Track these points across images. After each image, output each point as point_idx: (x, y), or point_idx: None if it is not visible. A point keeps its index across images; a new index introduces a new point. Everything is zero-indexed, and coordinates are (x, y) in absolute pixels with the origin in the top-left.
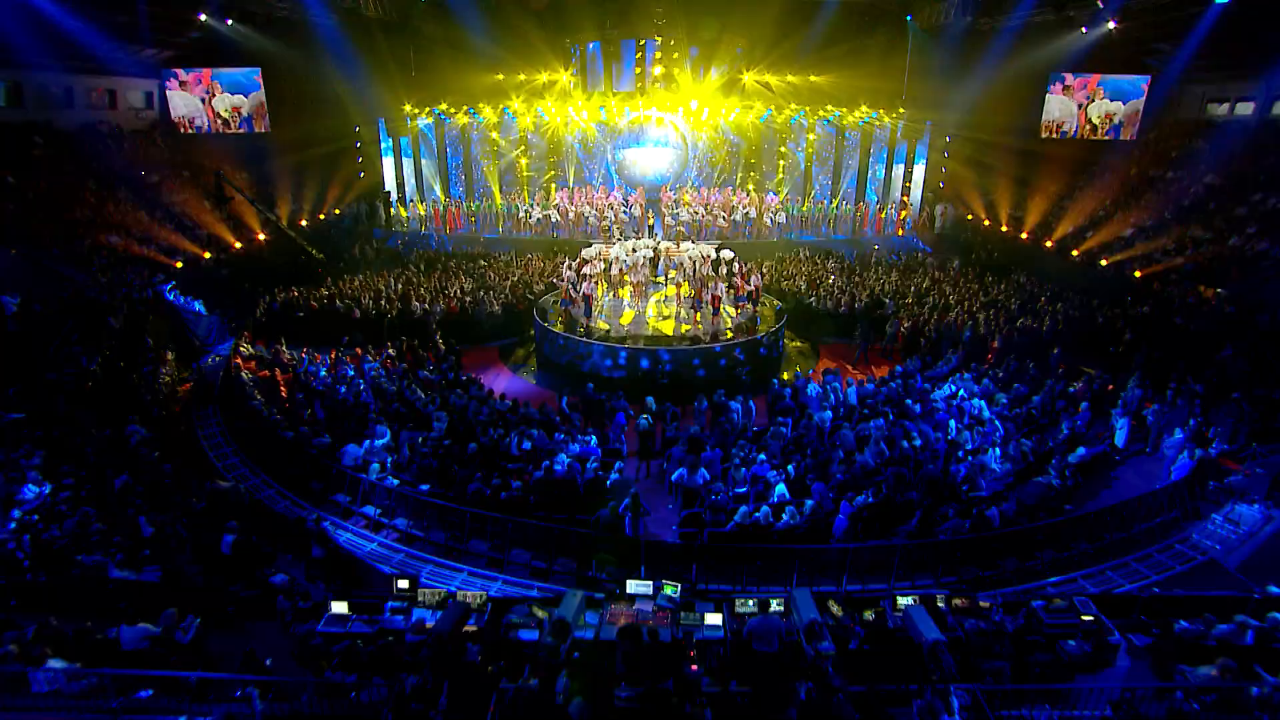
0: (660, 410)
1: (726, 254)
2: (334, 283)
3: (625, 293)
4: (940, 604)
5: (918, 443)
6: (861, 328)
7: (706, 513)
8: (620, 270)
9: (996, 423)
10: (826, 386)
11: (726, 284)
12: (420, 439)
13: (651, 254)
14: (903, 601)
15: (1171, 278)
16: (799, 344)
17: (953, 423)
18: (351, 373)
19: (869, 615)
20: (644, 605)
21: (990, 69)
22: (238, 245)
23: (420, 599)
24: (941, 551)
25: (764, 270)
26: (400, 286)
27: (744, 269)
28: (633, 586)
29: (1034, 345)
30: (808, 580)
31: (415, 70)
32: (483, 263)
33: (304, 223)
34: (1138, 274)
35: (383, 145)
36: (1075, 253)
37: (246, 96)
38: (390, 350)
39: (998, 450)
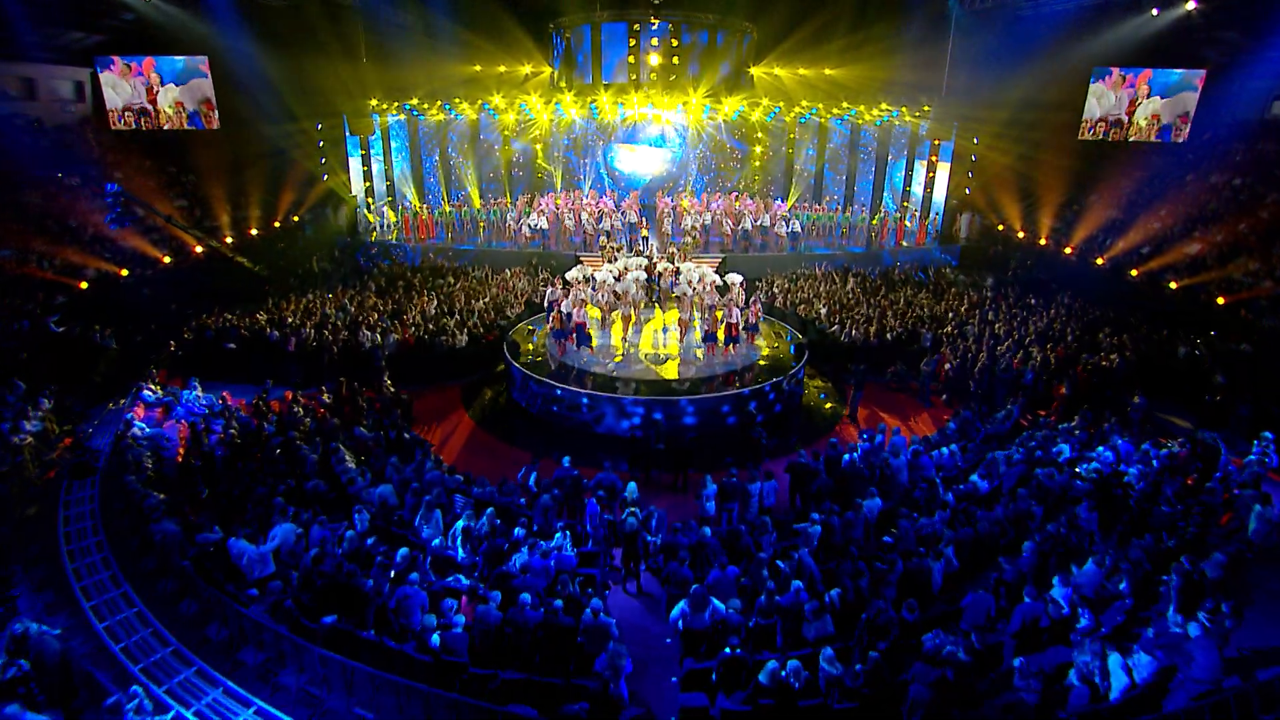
0: (647, 517)
1: (734, 278)
2: (274, 305)
3: (617, 325)
4: None
5: (1003, 564)
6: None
7: (719, 670)
8: (611, 295)
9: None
10: (872, 461)
11: (742, 313)
12: (337, 537)
13: (645, 276)
14: None
15: (1261, 304)
16: (819, 383)
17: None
18: (271, 430)
19: None
20: None
21: (1030, 61)
22: (166, 260)
23: None
24: None
25: (775, 290)
26: (353, 309)
27: (743, 298)
28: None
29: (1107, 390)
30: None
31: (381, 61)
32: (451, 280)
33: (254, 231)
34: (1220, 300)
35: (349, 144)
36: (1134, 272)
37: (191, 88)
38: (326, 396)
39: (1103, 558)
